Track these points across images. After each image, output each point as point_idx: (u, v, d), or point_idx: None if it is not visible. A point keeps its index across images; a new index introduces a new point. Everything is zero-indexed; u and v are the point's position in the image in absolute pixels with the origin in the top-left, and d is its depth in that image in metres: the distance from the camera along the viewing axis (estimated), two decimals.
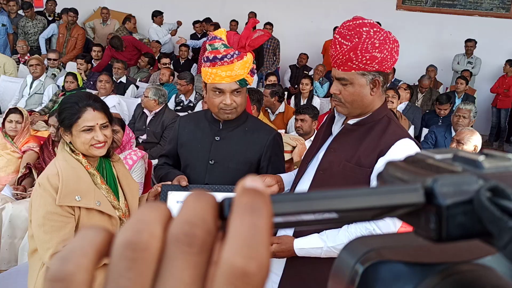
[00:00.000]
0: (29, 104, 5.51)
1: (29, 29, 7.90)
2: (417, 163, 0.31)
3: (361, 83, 1.57)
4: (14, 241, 3.02)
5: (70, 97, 1.80)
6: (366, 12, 8.79)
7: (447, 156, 0.30)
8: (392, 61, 1.56)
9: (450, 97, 5.73)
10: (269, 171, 1.93)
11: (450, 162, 0.29)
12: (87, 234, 0.25)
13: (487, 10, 8.30)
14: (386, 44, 1.52)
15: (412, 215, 0.27)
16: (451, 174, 0.27)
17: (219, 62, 1.77)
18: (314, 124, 4.15)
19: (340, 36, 1.55)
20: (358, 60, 1.52)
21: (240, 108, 1.89)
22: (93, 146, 1.73)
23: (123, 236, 0.24)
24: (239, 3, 9.22)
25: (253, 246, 0.23)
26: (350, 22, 1.55)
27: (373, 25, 1.54)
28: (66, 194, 1.66)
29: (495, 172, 0.28)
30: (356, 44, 1.51)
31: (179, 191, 1.86)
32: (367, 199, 0.27)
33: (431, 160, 0.30)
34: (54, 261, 0.23)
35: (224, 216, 0.25)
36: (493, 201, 0.25)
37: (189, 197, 0.26)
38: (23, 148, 3.62)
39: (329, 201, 0.26)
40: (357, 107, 1.62)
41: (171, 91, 5.77)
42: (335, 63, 1.58)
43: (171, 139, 2.10)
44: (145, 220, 0.24)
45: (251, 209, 0.24)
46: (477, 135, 3.38)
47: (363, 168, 1.58)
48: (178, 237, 0.24)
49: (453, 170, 0.28)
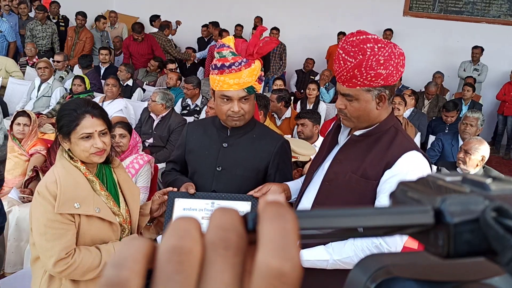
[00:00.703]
0: (36, 107, 5.54)
1: (38, 32, 7.84)
2: (428, 184, 0.32)
3: (366, 99, 1.55)
4: (20, 244, 3.02)
5: (68, 103, 1.78)
6: (373, 18, 8.85)
7: (457, 179, 0.32)
8: (398, 75, 1.54)
9: (457, 104, 5.70)
10: (277, 179, 1.93)
11: (459, 183, 0.31)
12: (133, 242, 0.27)
13: (494, 17, 8.28)
14: (391, 60, 1.49)
15: (422, 233, 0.29)
16: (459, 194, 0.29)
17: (227, 70, 1.77)
18: (315, 128, 4.12)
19: (343, 51, 1.52)
20: (363, 77, 1.50)
21: (248, 115, 1.89)
22: (92, 154, 1.72)
23: (168, 242, 0.26)
24: (246, 7, 9.25)
25: (286, 248, 0.25)
26: (353, 37, 1.51)
27: (377, 40, 1.50)
28: (65, 201, 1.65)
29: (501, 194, 0.29)
30: (361, 61, 1.47)
31: (186, 198, 1.87)
32: (381, 218, 0.29)
33: (441, 181, 0.32)
34: (107, 268, 0.26)
35: (248, 228, 0.27)
36: (497, 220, 0.27)
37: (216, 211, 0.28)
38: (31, 151, 3.63)
39: (345, 219, 0.29)
40: (363, 121, 1.60)
41: (177, 95, 5.79)
42: (340, 78, 1.56)
43: (179, 145, 2.10)
44: (185, 228, 0.27)
45: (278, 216, 0.26)
46: (485, 145, 3.36)
47: (369, 180, 1.57)
48: (215, 242, 0.26)
49: (461, 191, 0.30)
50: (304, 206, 1.75)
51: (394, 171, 1.53)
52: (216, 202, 1.85)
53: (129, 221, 1.90)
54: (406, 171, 1.52)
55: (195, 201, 1.85)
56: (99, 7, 10.19)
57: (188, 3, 9.84)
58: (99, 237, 1.76)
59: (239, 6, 9.46)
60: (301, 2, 9.17)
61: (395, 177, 1.52)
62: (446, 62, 8.35)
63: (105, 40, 8.33)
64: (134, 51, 7.57)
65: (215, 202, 1.85)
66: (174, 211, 1.85)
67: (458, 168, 3.47)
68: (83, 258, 1.68)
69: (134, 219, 1.91)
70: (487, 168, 3.51)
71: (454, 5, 8.45)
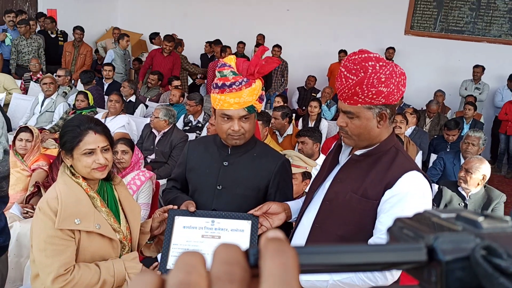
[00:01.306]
0: (39, 122, 5.57)
1: (23, 47, 7.56)
2: (423, 221, 0.34)
3: (367, 116, 1.56)
4: (20, 260, 3.01)
5: (71, 120, 1.80)
6: (374, 36, 8.93)
7: (451, 216, 0.33)
8: (399, 94, 1.55)
9: (458, 122, 5.70)
10: (277, 198, 1.93)
11: (453, 221, 0.32)
12: (143, 278, 0.28)
13: (495, 37, 8.34)
14: (393, 78, 1.50)
15: (416, 269, 0.31)
16: (451, 232, 0.31)
17: (227, 89, 1.79)
18: (315, 146, 4.12)
19: (345, 69, 1.54)
20: (364, 95, 1.51)
21: (248, 134, 1.89)
22: (94, 169, 1.74)
23: (175, 277, 0.28)
24: (249, 25, 9.35)
25: (287, 283, 0.27)
26: (355, 56, 1.53)
27: (379, 59, 1.52)
28: (65, 217, 1.66)
29: (492, 232, 0.30)
30: (362, 79, 1.49)
31: (186, 216, 1.87)
32: (377, 255, 0.31)
33: (436, 218, 0.33)
34: None
35: (250, 263, 0.29)
36: (486, 258, 0.28)
37: (220, 246, 0.30)
38: (33, 166, 3.64)
39: (343, 255, 0.31)
40: (364, 139, 1.61)
41: (180, 111, 5.82)
42: (341, 96, 1.57)
43: (180, 163, 2.11)
44: (191, 264, 0.28)
45: (279, 252, 0.28)
46: (486, 164, 3.36)
47: (369, 200, 1.57)
48: (220, 276, 0.27)
49: (454, 229, 0.31)
50: (304, 226, 1.75)
51: (394, 191, 1.53)
52: (216, 220, 1.85)
53: (130, 239, 1.90)
54: (407, 191, 1.52)
55: (195, 219, 1.85)
56: (103, 23, 10.33)
57: (191, 20, 9.95)
58: (99, 253, 1.76)
59: (242, 24, 9.55)
60: (303, 20, 9.26)
61: (396, 197, 1.52)
62: (448, 81, 8.39)
63: (127, 58, 8.28)
64: (157, 63, 7.52)
65: (215, 220, 1.85)
66: (174, 229, 1.85)
67: (460, 187, 3.47)
68: (82, 275, 1.68)
69: (134, 236, 1.91)
70: (488, 187, 3.51)
71: (455, 25, 8.52)
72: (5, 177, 2.03)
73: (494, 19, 8.31)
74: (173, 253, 1.81)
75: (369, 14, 8.81)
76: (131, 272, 1.77)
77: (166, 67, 7.50)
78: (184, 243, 1.82)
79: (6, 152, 1.97)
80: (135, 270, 1.79)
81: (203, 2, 9.90)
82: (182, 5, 10.08)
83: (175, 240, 1.83)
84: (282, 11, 9.41)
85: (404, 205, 1.51)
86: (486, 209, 3.38)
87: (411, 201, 1.51)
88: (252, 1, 9.53)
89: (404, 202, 1.51)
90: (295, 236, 1.81)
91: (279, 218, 1.85)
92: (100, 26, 10.25)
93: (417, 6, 8.67)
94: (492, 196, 3.41)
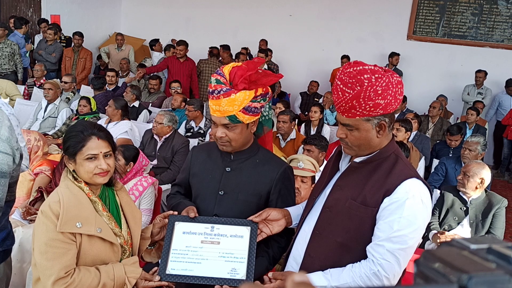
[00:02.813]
0: (43, 127, 5.60)
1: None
2: (452, 254, 0.32)
3: (366, 128, 1.56)
4: (23, 265, 3.02)
5: (75, 126, 1.83)
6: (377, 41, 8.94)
7: (482, 247, 0.32)
8: (397, 103, 1.55)
9: (461, 128, 5.68)
10: (278, 204, 1.93)
11: (485, 255, 0.31)
12: None
13: (497, 42, 8.34)
14: (389, 90, 1.49)
15: None
16: (485, 272, 0.29)
17: (211, 96, 1.82)
18: (321, 155, 4.12)
19: (341, 83, 1.53)
20: (362, 108, 1.50)
21: (235, 143, 1.88)
22: (96, 174, 1.77)
23: None
24: (252, 30, 9.38)
25: None
26: (350, 69, 1.52)
27: (374, 71, 1.50)
28: (67, 220, 1.68)
29: None
30: (358, 93, 1.48)
31: (187, 222, 1.88)
32: None
33: (466, 252, 0.32)
34: None
35: None
36: None
37: None
38: (36, 171, 3.65)
39: None
40: (364, 149, 1.61)
41: (182, 116, 5.84)
42: (339, 109, 1.57)
43: (184, 169, 2.12)
44: None
45: None
46: (485, 169, 3.36)
47: (368, 207, 1.58)
48: None
49: (487, 267, 0.30)
50: (305, 232, 1.76)
51: (393, 198, 1.54)
52: (215, 226, 1.86)
53: (130, 243, 1.91)
54: (405, 198, 1.52)
55: (195, 225, 1.86)
56: (106, 29, 10.38)
57: (194, 25, 10.00)
58: (99, 257, 1.78)
59: (245, 29, 9.59)
60: (306, 25, 9.29)
61: (394, 204, 1.53)
62: (450, 86, 8.39)
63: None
64: (175, 71, 7.48)
65: (215, 226, 1.86)
66: (173, 234, 1.86)
67: (461, 192, 3.47)
68: (82, 278, 1.69)
69: (135, 241, 1.93)
70: (490, 192, 3.50)
71: (458, 30, 8.53)
72: (16, 182, 2.07)
73: (496, 24, 8.32)
74: (173, 258, 1.82)
75: (371, 19, 8.84)
76: (131, 276, 1.78)
77: (184, 74, 7.47)
78: (183, 249, 1.83)
79: (21, 157, 2.01)
80: (135, 274, 1.80)
81: (206, 8, 9.94)
82: (185, 11, 10.13)
83: (174, 246, 1.84)
84: (285, 17, 9.44)
85: (402, 212, 1.51)
86: (487, 214, 3.38)
87: (409, 208, 1.51)
88: (255, 7, 9.57)
89: (402, 209, 1.51)
90: (296, 243, 1.81)
91: (279, 225, 1.86)
92: (103, 31, 10.31)
93: (420, 11, 8.69)
94: (493, 201, 3.40)
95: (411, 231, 1.52)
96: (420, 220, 1.54)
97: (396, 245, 1.52)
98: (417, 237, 1.57)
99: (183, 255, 1.82)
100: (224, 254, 1.81)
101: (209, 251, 1.82)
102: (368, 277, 1.55)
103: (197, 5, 10.02)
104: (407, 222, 1.51)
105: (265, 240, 1.88)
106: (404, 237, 1.52)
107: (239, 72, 1.80)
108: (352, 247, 1.62)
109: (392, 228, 1.52)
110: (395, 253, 1.52)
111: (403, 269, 1.59)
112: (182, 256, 1.82)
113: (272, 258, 1.97)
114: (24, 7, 8.86)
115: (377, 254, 1.54)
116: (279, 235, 1.90)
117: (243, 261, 1.79)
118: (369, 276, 1.55)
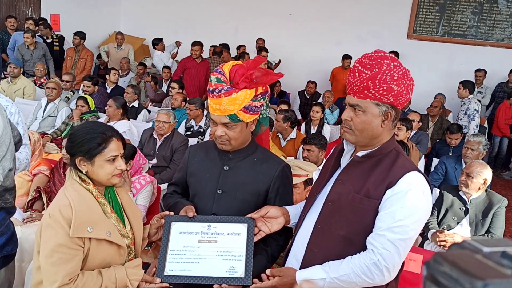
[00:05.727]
0: (42, 127, 5.59)
1: None
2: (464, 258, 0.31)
3: (374, 112, 1.59)
4: (21, 264, 3.01)
5: (91, 127, 1.79)
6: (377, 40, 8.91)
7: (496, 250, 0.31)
8: (406, 98, 1.59)
9: (460, 126, 5.69)
10: (277, 203, 1.92)
11: (499, 260, 0.30)
12: None
13: (498, 41, 8.33)
14: (404, 79, 1.55)
15: None
16: (501, 279, 0.28)
17: (211, 94, 1.81)
18: (321, 154, 4.14)
19: (360, 65, 1.58)
20: (375, 90, 1.55)
21: (235, 141, 1.88)
22: (115, 175, 1.78)
23: None
24: (252, 30, 9.37)
25: None
26: (372, 54, 1.59)
27: (394, 59, 1.58)
28: (79, 225, 1.67)
29: None
30: (376, 74, 1.54)
31: (183, 221, 1.87)
32: None
33: (479, 255, 0.31)
34: None
35: None
36: None
37: None
38: (34, 171, 3.64)
39: None
40: (366, 136, 1.63)
41: (182, 116, 5.83)
42: (352, 90, 1.60)
43: (181, 168, 2.11)
44: None
45: None
46: (487, 169, 3.35)
47: (372, 199, 1.59)
48: None
49: (503, 273, 0.29)
50: (306, 228, 1.76)
51: (395, 190, 1.56)
52: (212, 225, 1.85)
53: (133, 243, 1.90)
54: (407, 190, 1.55)
55: (192, 225, 1.86)
56: (106, 28, 10.37)
57: (194, 25, 9.98)
58: (106, 261, 1.77)
59: (245, 28, 9.59)
60: (306, 25, 9.28)
61: (396, 195, 1.55)
62: (450, 85, 8.36)
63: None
64: (192, 72, 7.35)
65: (211, 225, 1.85)
66: (170, 235, 1.86)
67: (461, 192, 3.45)
68: (85, 283, 1.68)
69: (138, 240, 1.92)
70: (490, 191, 3.49)
71: (458, 29, 8.52)
72: (11, 189, 2.06)
73: (496, 23, 8.31)
74: (170, 259, 1.81)
75: (371, 18, 8.82)
76: (133, 279, 1.77)
77: (201, 75, 7.34)
78: (181, 249, 1.83)
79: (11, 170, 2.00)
80: (137, 276, 1.78)
81: (205, 7, 9.93)
82: (184, 10, 10.11)
83: (172, 246, 1.83)
84: (285, 16, 9.43)
85: (404, 202, 1.53)
86: (487, 213, 3.37)
87: (411, 198, 1.54)
88: (255, 6, 9.56)
89: (404, 199, 1.54)
90: (296, 239, 1.81)
91: (278, 222, 1.85)
92: (103, 31, 10.30)
93: (420, 10, 8.68)
94: (494, 201, 3.39)
95: (412, 222, 1.54)
96: (421, 211, 1.57)
97: (397, 235, 1.53)
98: (417, 229, 1.58)
99: (181, 255, 1.82)
100: (221, 252, 1.81)
101: (207, 250, 1.82)
102: (368, 267, 1.55)
103: (197, 5, 10.01)
104: (409, 212, 1.53)
105: (264, 238, 1.88)
106: (405, 227, 1.53)
107: (239, 71, 1.79)
108: (355, 240, 1.63)
109: (394, 218, 1.53)
110: (395, 243, 1.53)
111: (402, 260, 1.59)
112: (179, 256, 1.82)
113: (271, 256, 1.96)
114: (23, 6, 8.85)
115: (377, 244, 1.55)
116: (277, 233, 1.90)
117: (241, 259, 1.79)
118: (369, 266, 1.55)
